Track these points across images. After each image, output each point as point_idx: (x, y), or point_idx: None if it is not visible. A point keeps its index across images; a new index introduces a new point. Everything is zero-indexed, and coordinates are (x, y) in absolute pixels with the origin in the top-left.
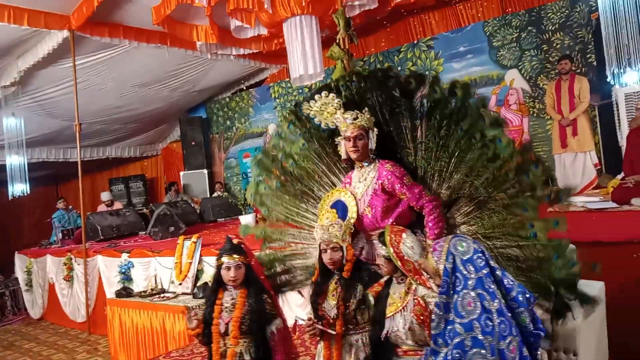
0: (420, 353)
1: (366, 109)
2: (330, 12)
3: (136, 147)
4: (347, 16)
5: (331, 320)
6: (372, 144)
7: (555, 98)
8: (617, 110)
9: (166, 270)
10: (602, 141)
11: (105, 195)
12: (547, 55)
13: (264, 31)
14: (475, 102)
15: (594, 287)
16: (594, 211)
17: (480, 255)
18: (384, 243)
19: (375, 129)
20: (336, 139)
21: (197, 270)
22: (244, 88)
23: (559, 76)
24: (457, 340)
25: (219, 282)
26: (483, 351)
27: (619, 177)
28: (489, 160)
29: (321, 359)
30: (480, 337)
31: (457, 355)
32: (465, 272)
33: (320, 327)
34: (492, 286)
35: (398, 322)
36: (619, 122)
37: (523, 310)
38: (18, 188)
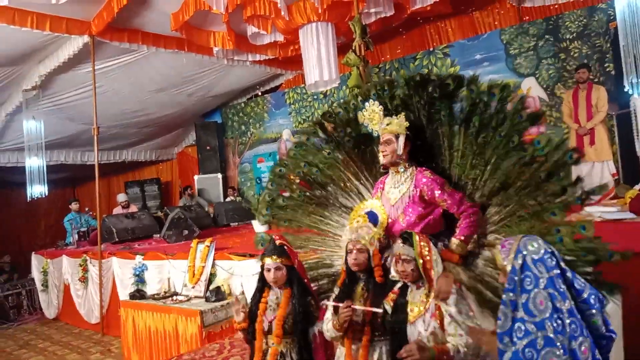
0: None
1: (402, 114)
2: (346, 19)
3: (152, 151)
4: (363, 23)
5: (359, 327)
6: (400, 149)
7: (573, 107)
8: (636, 119)
9: (179, 274)
10: (619, 151)
11: (121, 197)
12: (564, 64)
13: (280, 37)
14: (515, 105)
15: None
16: (611, 222)
17: (551, 255)
18: (411, 245)
19: (404, 135)
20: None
21: (210, 274)
22: (259, 93)
23: (576, 85)
24: (528, 339)
25: (264, 281)
26: (556, 350)
27: (637, 187)
28: (525, 164)
29: None
30: (552, 336)
31: (529, 354)
32: (536, 272)
33: (359, 307)
34: (563, 286)
35: (419, 327)
36: (637, 132)
37: (595, 312)
38: (36, 190)
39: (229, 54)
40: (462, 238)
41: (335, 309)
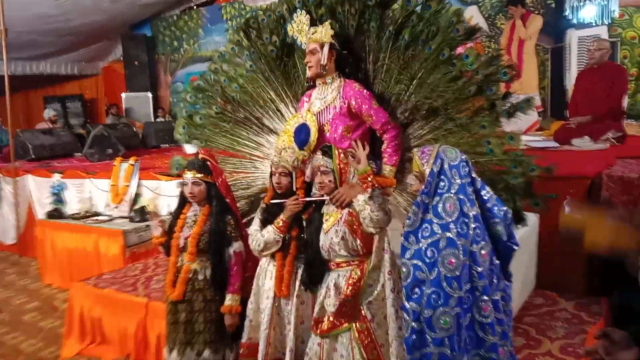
0: (353, 263)
1: (328, 22)
2: None
3: (74, 63)
4: None
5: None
6: (324, 59)
7: (508, 38)
8: (569, 53)
9: (102, 193)
10: (551, 85)
11: (49, 112)
12: None
13: None
14: (450, 18)
15: (529, 219)
16: (537, 149)
17: (465, 164)
18: (330, 157)
19: (328, 43)
20: None
21: (135, 194)
22: (194, 6)
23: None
24: (432, 239)
25: (184, 197)
26: (456, 251)
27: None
28: (452, 79)
29: (266, 278)
30: (454, 238)
31: (430, 252)
32: (450, 177)
33: (312, 198)
34: (472, 194)
35: (332, 234)
36: (569, 66)
37: (498, 221)
38: None
39: None
40: (394, 163)
41: (264, 222)
